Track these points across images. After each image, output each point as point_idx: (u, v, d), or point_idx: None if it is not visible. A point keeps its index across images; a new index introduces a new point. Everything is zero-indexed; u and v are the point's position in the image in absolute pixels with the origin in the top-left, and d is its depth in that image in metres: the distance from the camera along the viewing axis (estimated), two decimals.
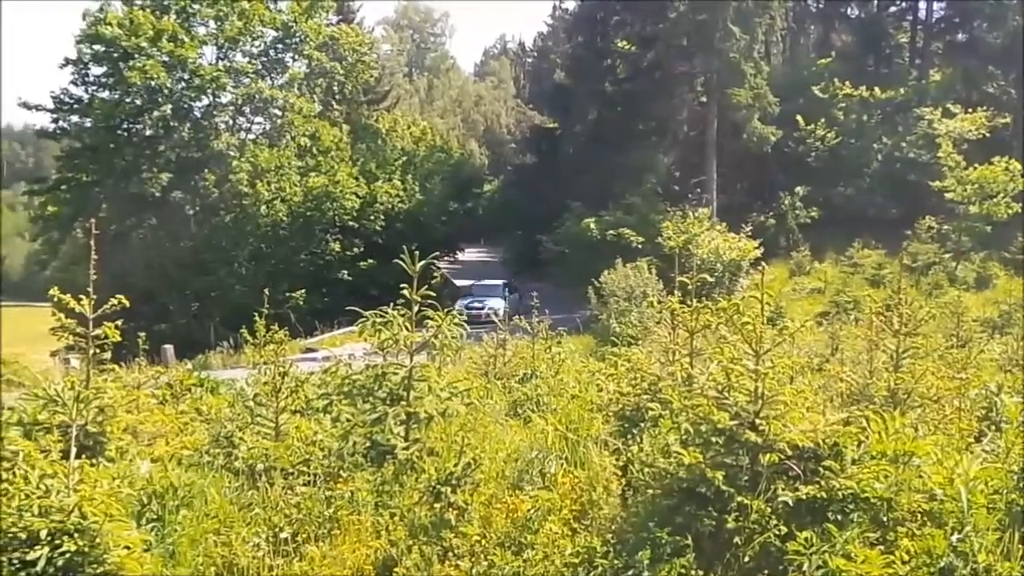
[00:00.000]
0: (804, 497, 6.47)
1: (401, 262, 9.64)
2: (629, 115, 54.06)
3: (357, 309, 10.08)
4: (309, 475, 8.69)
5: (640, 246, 42.83)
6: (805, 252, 47.56)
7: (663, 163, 53.65)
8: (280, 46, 55.26)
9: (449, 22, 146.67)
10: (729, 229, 44.73)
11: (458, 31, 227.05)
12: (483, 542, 7.31)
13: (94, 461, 8.37)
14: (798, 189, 52.94)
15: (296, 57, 55.73)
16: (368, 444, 9.12)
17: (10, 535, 6.29)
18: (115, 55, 49.41)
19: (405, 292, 9.71)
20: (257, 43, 54.39)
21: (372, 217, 52.45)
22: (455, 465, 7.87)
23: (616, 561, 6.64)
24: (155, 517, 7.94)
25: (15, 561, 6.17)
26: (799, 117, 53.22)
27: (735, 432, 6.83)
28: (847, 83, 54.49)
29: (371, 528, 7.70)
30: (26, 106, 51.48)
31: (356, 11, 64.75)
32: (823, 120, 53.79)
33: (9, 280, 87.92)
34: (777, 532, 6.30)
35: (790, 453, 6.66)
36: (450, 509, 7.59)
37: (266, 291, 16.37)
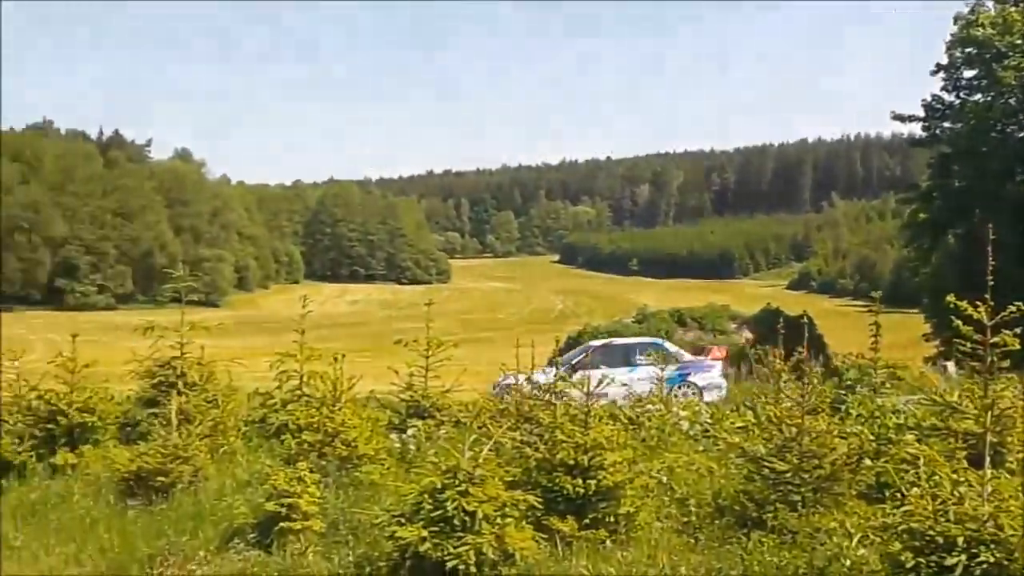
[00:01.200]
0: None
1: None
2: None
3: None
4: None
5: None
6: None
7: None
8: None
9: None
10: None
11: None
12: None
13: (995, 472, 8.21)
14: None
15: None
16: None
17: (927, 538, 6.44)
18: (987, 56, 48.45)
19: None
20: None
21: None
22: None
23: None
24: None
25: (932, 564, 6.32)
26: None
27: None
28: None
29: None
30: (899, 118, 53.19)
31: None
32: None
33: (882, 284, 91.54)
34: None
35: None
36: None
37: None
